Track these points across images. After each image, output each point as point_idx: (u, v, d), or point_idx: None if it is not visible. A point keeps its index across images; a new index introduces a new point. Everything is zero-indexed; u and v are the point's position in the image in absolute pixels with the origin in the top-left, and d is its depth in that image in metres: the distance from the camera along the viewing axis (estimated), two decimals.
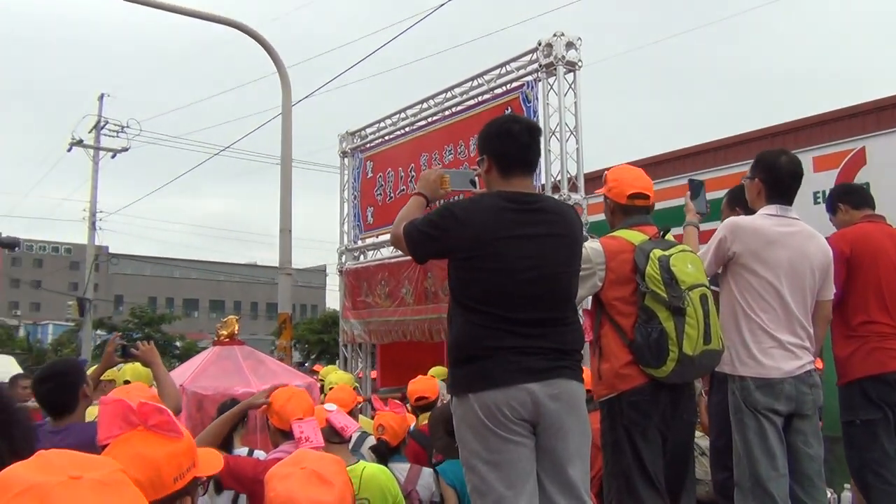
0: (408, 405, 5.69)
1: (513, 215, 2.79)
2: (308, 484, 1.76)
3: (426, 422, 4.70)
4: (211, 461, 1.96)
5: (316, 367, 8.83)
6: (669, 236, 3.49)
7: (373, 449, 4.01)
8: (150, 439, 1.73)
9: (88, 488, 0.91)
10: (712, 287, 3.64)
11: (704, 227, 4.00)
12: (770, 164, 3.57)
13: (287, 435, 3.39)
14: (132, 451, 1.71)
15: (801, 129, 9.49)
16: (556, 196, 6.94)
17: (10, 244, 25.30)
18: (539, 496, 2.73)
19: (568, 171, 7.14)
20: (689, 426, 3.41)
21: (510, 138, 2.89)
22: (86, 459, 1.00)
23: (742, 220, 3.57)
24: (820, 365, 3.94)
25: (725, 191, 4.42)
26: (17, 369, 11.93)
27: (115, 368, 5.06)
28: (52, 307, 57.04)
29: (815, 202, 8.41)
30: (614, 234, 3.48)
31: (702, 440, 4.71)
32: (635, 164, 4.18)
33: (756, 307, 3.40)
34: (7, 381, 7.81)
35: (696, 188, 3.96)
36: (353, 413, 4.52)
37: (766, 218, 3.51)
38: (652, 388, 3.26)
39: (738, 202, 3.96)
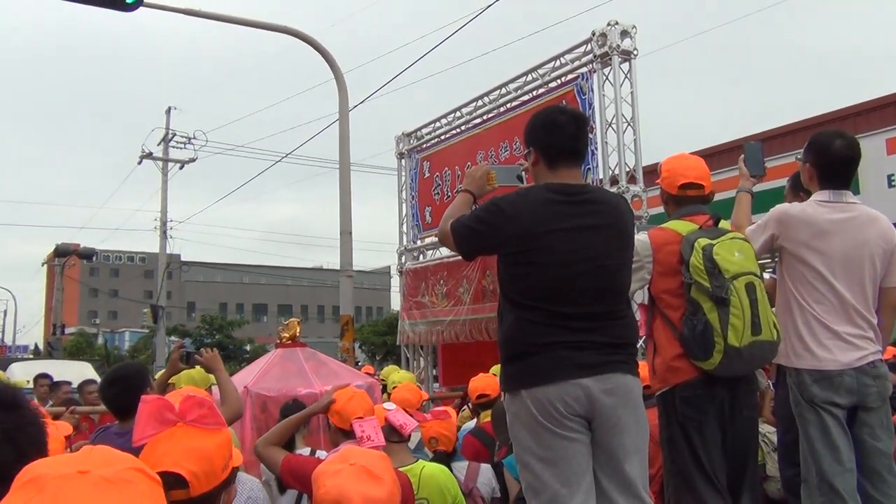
0: (469, 403, 5.68)
1: (561, 207, 2.73)
2: (358, 480, 1.74)
3: (488, 419, 4.67)
4: (237, 453, 2.01)
5: (366, 369, 8.85)
6: (727, 224, 3.38)
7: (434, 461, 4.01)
8: (194, 433, 1.77)
9: (90, 483, 0.91)
10: (772, 274, 3.50)
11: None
12: (822, 148, 3.39)
13: (348, 434, 3.40)
14: (184, 446, 1.75)
15: (872, 111, 9.13)
16: (615, 189, 6.83)
17: (87, 255, 26.42)
18: (596, 494, 2.67)
19: (626, 164, 7.02)
20: (749, 421, 3.28)
21: (556, 129, 2.84)
22: (114, 456, 1.01)
23: (791, 208, 3.40)
24: (890, 354, 3.75)
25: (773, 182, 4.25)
26: (93, 375, 12.33)
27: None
28: (128, 315, 59.03)
29: (890, 185, 8.07)
30: (664, 225, 3.39)
31: (772, 435, 4.56)
32: (697, 153, 4.06)
33: (809, 298, 3.25)
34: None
35: (752, 151, 3.77)
36: (421, 410, 4.50)
37: (818, 205, 3.33)
38: (704, 381, 3.16)
39: (802, 188, 3.80)
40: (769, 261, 3.82)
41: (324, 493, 1.70)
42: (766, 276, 3.58)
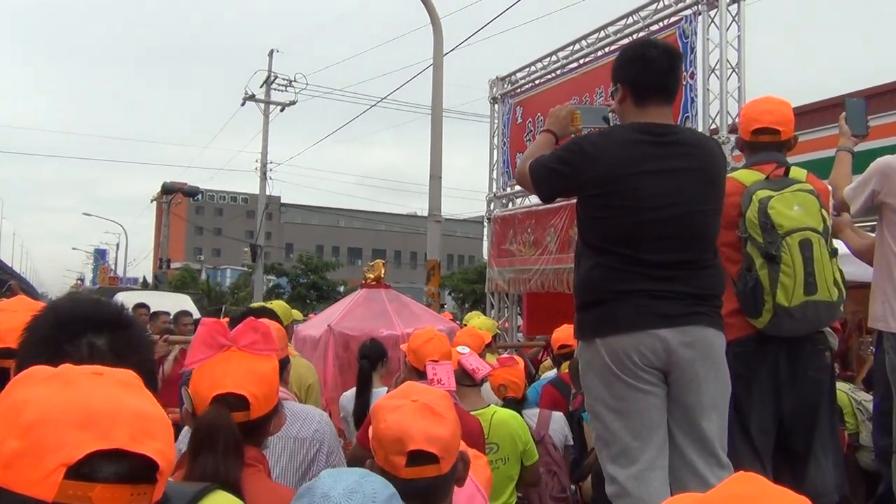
0: (550, 353, 5.62)
1: (647, 148, 2.57)
2: (420, 416, 1.69)
3: (567, 370, 4.61)
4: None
5: (445, 314, 8.86)
6: (801, 172, 3.14)
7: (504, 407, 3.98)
8: (249, 357, 1.78)
9: (111, 382, 0.96)
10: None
11: None
12: None
13: (421, 375, 3.40)
14: (244, 369, 1.76)
15: None
16: (715, 139, 6.50)
17: (191, 193, 27.41)
18: (670, 450, 2.57)
19: (728, 113, 6.65)
20: (815, 384, 3.06)
21: (647, 64, 2.66)
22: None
23: (894, 159, 3.13)
24: None
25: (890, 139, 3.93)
26: (191, 307, 12.91)
27: None
28: (230, 253, 61.47)
29: None
30: (730, 174, 3.17)
31: (868, 403, 4.31)
32: (802, 108, 3.80)
33: None
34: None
35: (854, 108, 3.50)
36: (481, 355, 4.47)
37: None
38: (758, 339, 3.00)
39: None
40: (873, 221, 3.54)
41: (384, 428, 1.65)
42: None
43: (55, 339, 1.27)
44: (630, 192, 2.54)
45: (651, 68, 2.65)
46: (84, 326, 1.29)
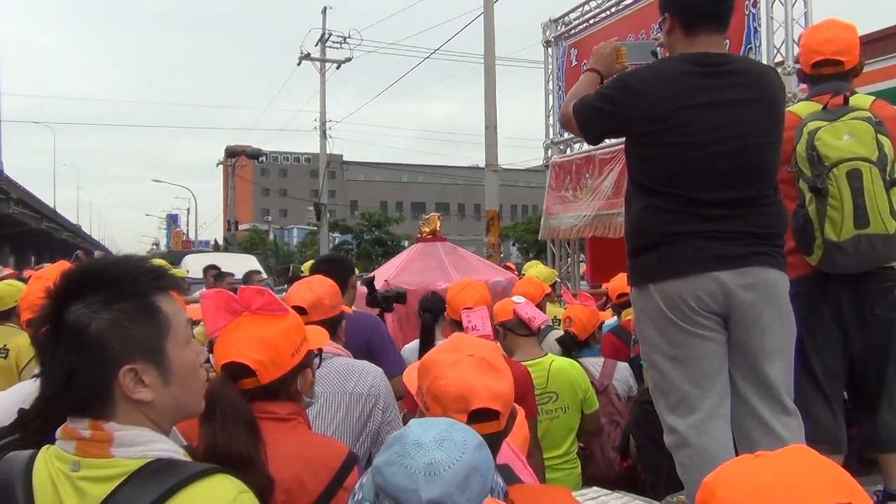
0: (610, 301, 5.51)
1: (699, 80, 2.40)
2: (481, 372, 1.64)
3: (629, 317, 4.50)
4: (319, 336, 2.03)
5: (507, 265, 8.74)
6: (865, 99, 2.92)
7: (559, 340, 3.89)
8: (259, 321, 1.75)
9: None
10: None
11: None
12: None
13: (459, 325, 3.35)
14: (247, 336, 1.74)
15: None
16: (780, 71, 6.17)
17: (254, 155, 27.86)
18: (732, 398, 2.45)
19: (793, 42, 6.28)
20: (885, 323, 2.88)
21: None
22: None
23: None
24: None
25: None
26: (258, 266, 13.21)
27: None
28: (296, 213, 62.44)
29: None
30: (789, 108, 2.96)
31: None
32: (871, 35, 3.53)
33: None
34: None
35: None
36: (540, 305, 4.39)
37: None
38: (817, 278, 2.84)
39: None
40: None
41: (445, 385, 1.60)
42: None
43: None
44: (681, 127, 2.39)
45: None
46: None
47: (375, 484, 1.26)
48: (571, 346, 3.87)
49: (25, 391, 2.07)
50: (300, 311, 2.67)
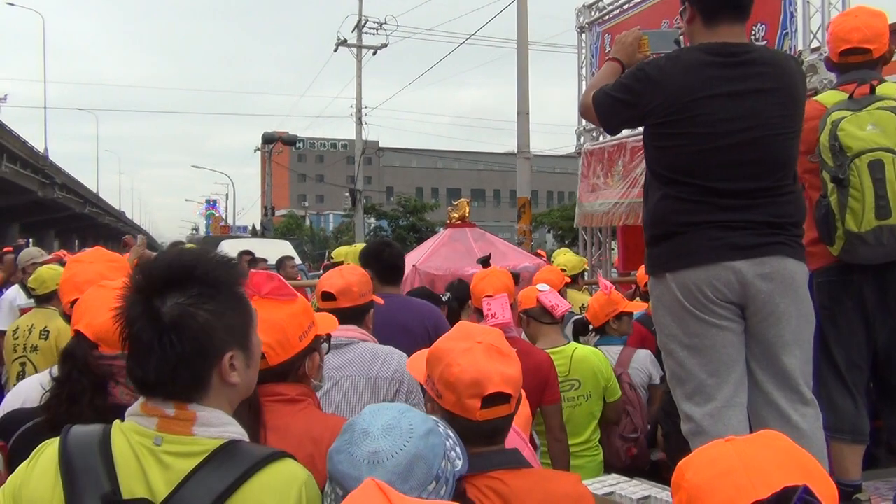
0: (639, 289, 5.48)
1: (718, 70, 2.41)
2: (492, 358, 1.69)
3: None
4: (328, 322, 2.08)
5: (538, 252, 8.70)
6: (893, 87, 2.88)
7: (573, 324, 3.94)
8: (267, 305, 1.81)
9: None
10: None
11: None
12: None
13: (482, 313, 3.40)
14: (258, 319, 1.78)
15: None
16: (815, 56, 6.07)
17: (291, 141, 28.07)
18: (749, 387, 2.46)
19: None
20: None
21: None
22: None
23: None
24: None
25: None
26: (292, 252, 13.35)
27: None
28: (333, 198, 62.89)
29: None
30: (815, 97, 2.93)
31: None
32: None
33: None
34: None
35: None
36: (561, 293, 4.41)
37: None
38: (840, 269, 2.84)
39: None
40: None
41: (459, 372, 1.64)
42: None
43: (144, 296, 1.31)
44: (700, 117, 2.40)
45: None
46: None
47: (328, 470, 1.32)
48: (582, 331, 3.90)
49: (25, 391, 2.16)
50: (329, 296, 2.75)
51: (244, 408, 1.71)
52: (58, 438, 1.31)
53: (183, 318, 1.27)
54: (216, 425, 1.31)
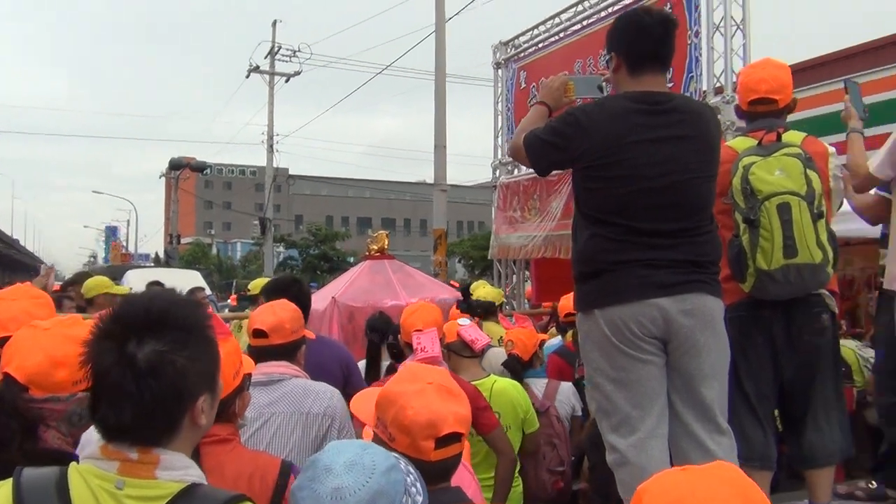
0: (557, 322, 5.61)
1: (642, 118, 2.55)
2: (445, 400, 1.72)
3: (572, 338, 4.61)
4: (248, 362, 2.10)
5: (451, 283, 8.78)
6: (797, 136, 3.12)
7: (505, 364, 3.98)
8: None
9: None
10: (882, 193, 3.22)
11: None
12: None
13: (412, 347, 3.42)
14: None
15: None
16: (720, 98, 6.41)
17: (199, 168, 27.41)
18: (670, 418, 2.58)
19: (733, 71, 6.54)
20: (811, 347, 3.07)
21: (641, 32, 2.63)
22: None
23: None
24: None
25: (889, 93, 3.86)
26: (202, 283, 12.99)
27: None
28: (240, 226, 61.56)
29: None
30: (727, 142, 3.15)
31: (873, 357, 4.29)
32: (794, 66, 3.75)
33: None
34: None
35: (854, 89, 3.49)
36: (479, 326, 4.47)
37: None
38: (750, 304, 3.03)
39: None
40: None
41: (413, 415, 1.66)
42: (875, 193, 3.30)
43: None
44: (626, 161, 2.52)
45: (645, 36, 2.62)
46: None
47: None
48: (518, 368, 3.95)
49: None
50: (261, 334, 2.73)
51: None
52: (9, 480, 1.28)
53: (162, 365, 1.28)
54: (178, 468, 1.31)
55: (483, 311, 5.34)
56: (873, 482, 3.67)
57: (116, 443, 1.29)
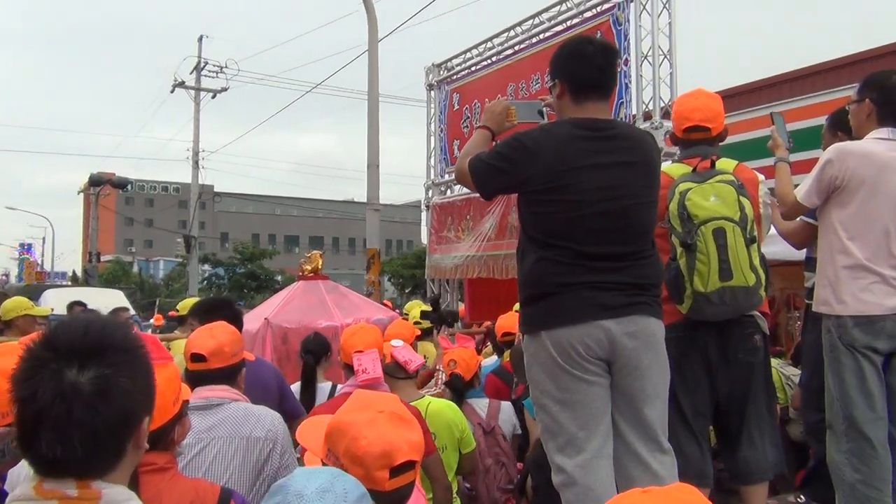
0: (494, 340, 5.64)
1: (586, 144, 2.61)
2: (397, 427, 1.69)
3: (509, 358, 4.64)
4: (185, 389, 2.04)
5: (384, 303, 8.76)
6: (729, 163, 3.26)
7: (447, 384, 3.97)
8: None
9: None
10: (807, 219, 3.36)
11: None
12: (881, 84, 3.25)
13: (351, 369, 3.39)
14: None
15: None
16: (647, 124, 6.61)
17: (121, 184, 26.56)
18: (614, 437, 2.61)
19: (661, 98, 6.78)
20: (744, 366, 3.18)
21: (584, 60, 2.69)
22: None
23: (850, 144, 3.25)
24: None
25: (811, 120, 4.05)
26: (125, 303, 12.57)
27: None
28: (163, 244, 60.05)
29: None
30: (662, 168, 3.27)
31: (797, 378, 4.46)
32: (723, 92, 3.90)
33: (858, 240, 3.10)
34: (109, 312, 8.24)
35: (779, 120, 3.66)
36: (413, 346, 4.47)
37: (877, 143, 3.17)
38: (686, 325, 3.12)
39: (841, 127, 3.63)
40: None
41: (367, 446, 1.62)
42: (800, 219, 3.44)
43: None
44: (571, 186, 2.57)
45: (588, 64, 2.68)
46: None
47: None
48: (461, 387, 3.95)
49: None
50: (200, 358, 2.65)
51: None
52: None
53: (109, 389, 1.22)
54: (121, 502, 1.25)
55: (453, 321, 5.41)
56: (801, 496, 3.81)
57: (53, 479, 1.22)
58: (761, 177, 3.40)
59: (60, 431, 1.21)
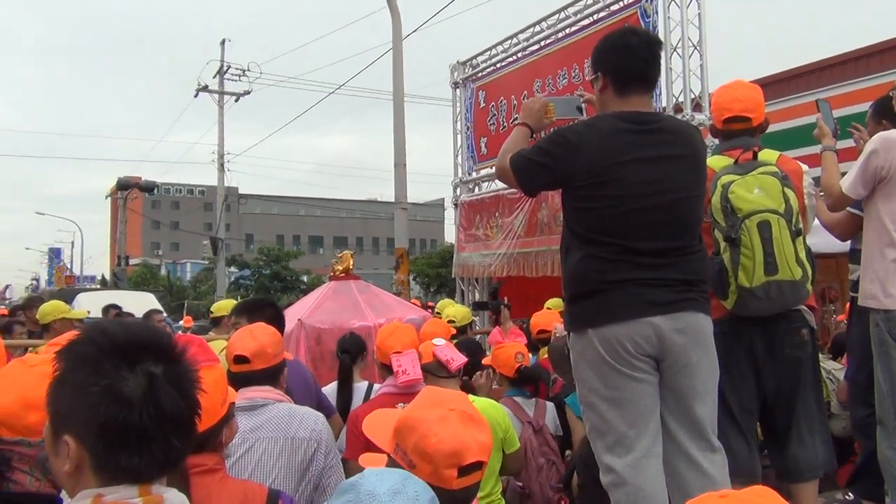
0: (529, 338, 5.60)
1: (632, 137, 2.56)
2: (468, 427, 1.67)
3: (546, 355, 4.61)
4: (231, 391, 2.03)
5: (413, 301, 8.76)
6: (772, 155, 3.19)
7: (522, 375, 4.01)
8: None
9: None
10: (853, 210, 3.29)
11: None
12: None
13: (389, 369, 3.38)
14: None
15: None
16: (679, 117, 6.53)
17: (148, 188, 26.87)
18: (663, 436, 2.57)
19: (691, 90, 6.69)
20: (793, 362, 3.12)
21: (628, 52, 2.64)
22: None
23: (891, 133, 3.17)
24: None
25: (854, 107, 3.96)
26: (157, 305, 12.70)
27: None
28: (189, 247, 60.50)
29: None
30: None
31: (838, 372, 4.38)
32: (760, 81, 3.83)
33: None
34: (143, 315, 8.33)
35: (824, 107, 3.56)
36: None
37: None
38: (732, 321, 3.07)
39: (885, 114, 3.54)
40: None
41: (437, 443, 1.61)
42: (845, 210, 3.37)
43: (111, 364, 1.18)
44: (617, 181, 2.52)
45: (633, 56, 2.63)
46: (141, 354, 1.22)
47: None
48: (532, 377, 3.99)
49: None
50: (243, 360, 2.65)
51: (173, 482, 1.62)
52: None
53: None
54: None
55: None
56: (850, 493, 3.73)
57: (117, 485, 1.18)
58: (805, 167, 3.33)
59: (149, 431, 1.17)
